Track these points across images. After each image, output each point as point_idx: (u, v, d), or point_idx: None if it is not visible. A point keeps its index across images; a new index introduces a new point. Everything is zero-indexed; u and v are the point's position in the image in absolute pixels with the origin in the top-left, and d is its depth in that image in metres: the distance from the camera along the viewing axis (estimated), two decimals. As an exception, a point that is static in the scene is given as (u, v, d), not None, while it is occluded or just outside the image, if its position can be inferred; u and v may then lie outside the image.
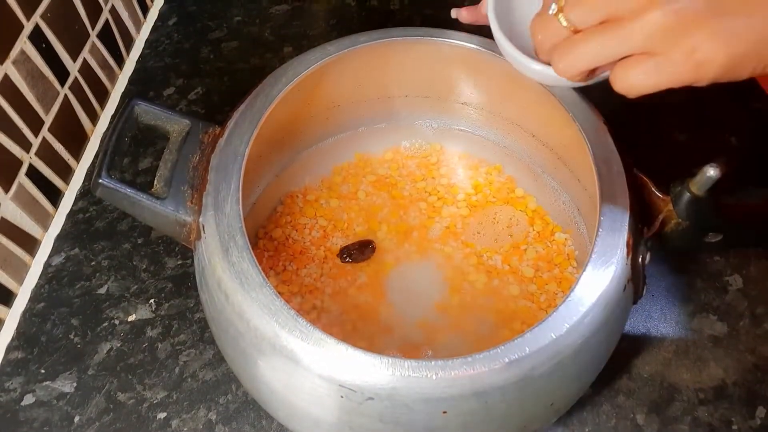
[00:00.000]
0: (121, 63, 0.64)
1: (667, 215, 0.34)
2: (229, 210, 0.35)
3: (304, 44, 0.66)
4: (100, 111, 0.61)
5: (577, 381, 0.35)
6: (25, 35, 0.49)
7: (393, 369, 0.30)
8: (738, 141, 0.56)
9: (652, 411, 0.43)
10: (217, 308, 0.35)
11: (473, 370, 0.30)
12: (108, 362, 0.45)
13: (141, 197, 0.37)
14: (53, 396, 0.44)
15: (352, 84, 0.47)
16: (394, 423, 0.31)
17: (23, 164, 0.50)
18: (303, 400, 0.32)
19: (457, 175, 0.50)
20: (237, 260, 0.33)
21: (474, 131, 0.51)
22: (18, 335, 0.47)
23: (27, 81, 0.49)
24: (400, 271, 0.46)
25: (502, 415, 0.32)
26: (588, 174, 0.37)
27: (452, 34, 0.43)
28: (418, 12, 0.68)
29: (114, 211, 0.53)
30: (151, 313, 0.48)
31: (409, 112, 0.51)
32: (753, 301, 0.47)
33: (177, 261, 0.50)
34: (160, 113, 0.40)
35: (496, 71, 0.43)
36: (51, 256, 0.51)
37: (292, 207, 0.48)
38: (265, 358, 0.32)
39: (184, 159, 0.38)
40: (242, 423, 0.43)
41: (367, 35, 0.43)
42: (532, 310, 0.43)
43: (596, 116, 0.39)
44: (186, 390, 0.44)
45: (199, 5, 0.70)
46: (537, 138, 0.47)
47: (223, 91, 0.62)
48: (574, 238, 0.46)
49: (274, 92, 0.40)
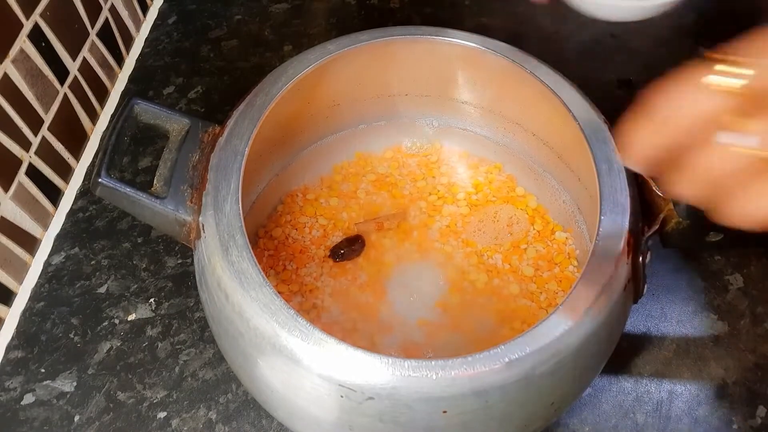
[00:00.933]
0: (121, 62, 0.64)
1: (668, 214, 0.34)
2: (229, 209, 0.35)
3: (304, 43, 0.66)
4: (100, 110, 0.61)
5: (577, 380, 0.35)
6: (24, 34, 0.49)
7: (393, 368, 0.30)
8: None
9: (652, 411, 0.43)
10: (216, 307, 0.35)
11: (473, 370, 0.30)
12: (108, 361, 0.45)
13: (141, 196, 0.37)
14: (53, 395, 0.44)
15: (352, 83, 0.47)
16: (394, 422, 0.31)
17: (23, 163, 0.50)
18: (303, 400, 0.32)
19: (457, 174, 0.50)
20: (237, 259, 0.33)
21: (474, 130, 0.51)
22: (18, 334, 0.47)
23: (26, 80, 0.49)
24: (400, 271, 0.46)
25: (502, 415, 0.32)
26: (588, 173, 0.37)
27: (452, 33, 0.43)
28: (418, 11, 0.68)
29: (114, 211, 0.53)
30: (151, 313, 0.48)
31: (410, 111, 0.51)
32: (753, 301, 0.47)
33: (177, 260, 0.50)
34: (160, 112, 0.40)
35: (496, 70, 0.43)
36: (51, 255, 0.51)
37: (292, 206, 0.48)
38: (264, 358, 0.32)
39: (183, 158, 0.38)
40: (242, 422, 0.43)
41: (368, 34, 0.43)
42: (533, 310, 0.43)
43: (597, 115, 0.39)
44: (186, 389, 0.44)
45: (199, 4, 0.70)
46: (537, 137, 0.47)
47: (223, 90, 0.62)
48: (574, 237, 0.46)
49: (274, 91, 0.40)
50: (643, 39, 0.64)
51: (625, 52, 0.63)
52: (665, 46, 0.63)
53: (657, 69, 0.26)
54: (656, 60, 0.61)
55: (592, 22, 0.63)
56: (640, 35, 0.64)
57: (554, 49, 0.63)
